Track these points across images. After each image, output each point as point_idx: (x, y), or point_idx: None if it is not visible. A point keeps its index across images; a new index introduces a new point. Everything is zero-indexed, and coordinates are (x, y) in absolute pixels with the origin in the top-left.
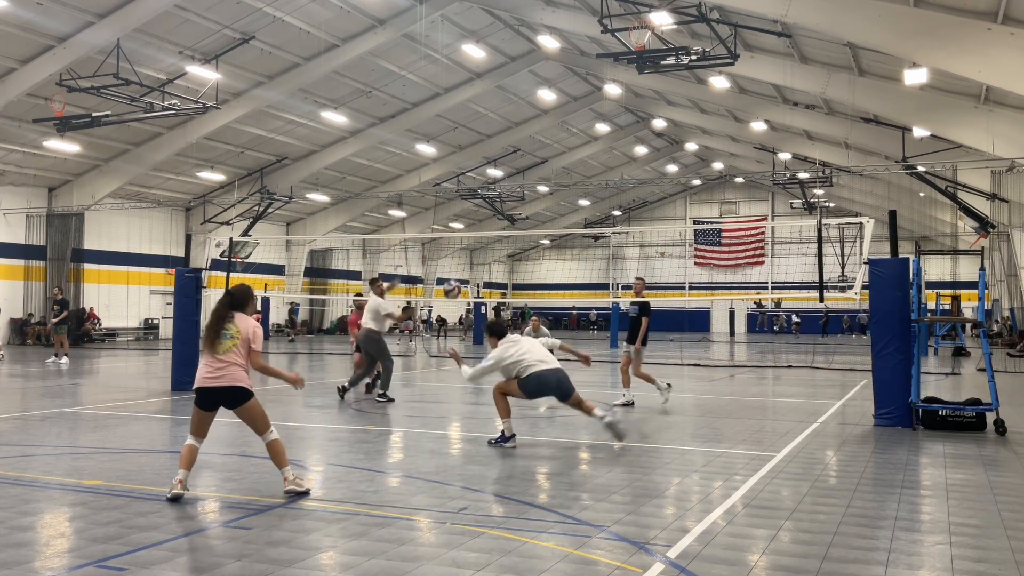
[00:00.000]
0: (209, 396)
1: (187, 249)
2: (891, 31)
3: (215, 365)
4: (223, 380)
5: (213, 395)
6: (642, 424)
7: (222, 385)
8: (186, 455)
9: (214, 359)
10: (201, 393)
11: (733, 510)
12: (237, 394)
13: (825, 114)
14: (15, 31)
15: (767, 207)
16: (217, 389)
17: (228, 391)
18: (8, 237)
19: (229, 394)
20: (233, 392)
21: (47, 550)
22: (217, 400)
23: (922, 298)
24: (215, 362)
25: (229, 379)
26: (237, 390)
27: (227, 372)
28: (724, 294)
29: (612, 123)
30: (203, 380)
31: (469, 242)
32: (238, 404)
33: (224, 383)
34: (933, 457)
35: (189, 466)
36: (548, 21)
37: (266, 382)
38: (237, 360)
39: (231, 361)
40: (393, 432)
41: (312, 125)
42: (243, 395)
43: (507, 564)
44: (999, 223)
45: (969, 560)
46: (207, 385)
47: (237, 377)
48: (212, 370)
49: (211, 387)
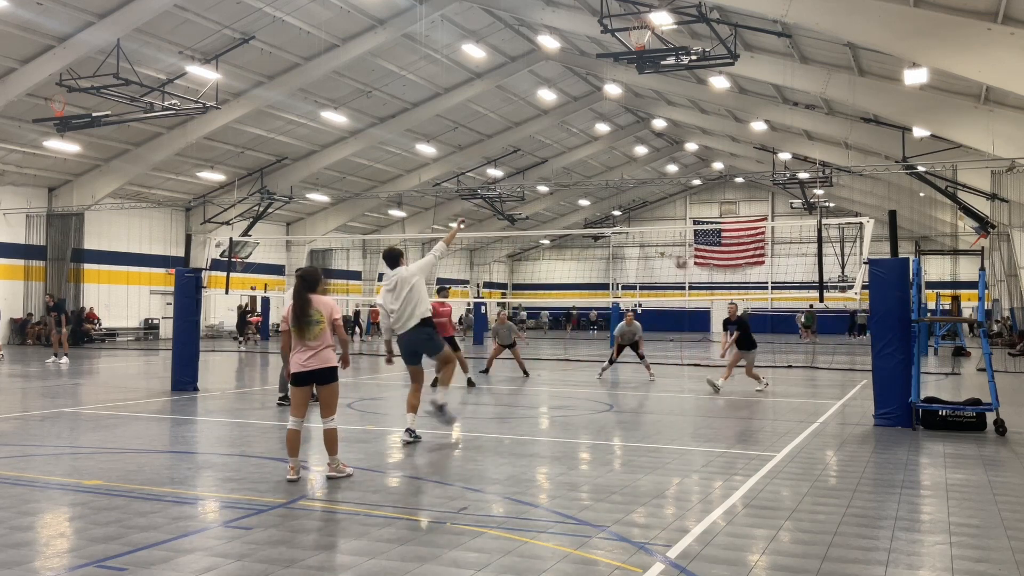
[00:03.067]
0: (305, 377)
1: (187, 249)
2: (891, 31)
3: (308, 353)
4: (316, 363)
5: (308, 376)
6: (643, 424)
7: (316, 368)
8: (291, 441)
9: (306, 346)
10: (297, 377)
11: (733, 510)
12: (327, 374)
13: (825, 114)
14: (15, 31)
15: (767, 207)
16: (311, 372)
17: (320, 372)
18: (8, 237)
19: (320, 374)
20: (324, 372)
21: (47, 550)
22: (310, 378)
23: (922, 298)
24: (307, 349)
25: (320, 361)
26: (327, 371)
27: (319, 355)
28: (724, 294)
29: (612, 123)
30: (299, 367)
31: (469, 242)
32: (325, 382)
33: (317, 366)
34: (933, 457)
35: (296, 451)
36: (548, 21)
37: (267, 381)
38: (326, 342)
39: (321, 344)
40: (393, 432)
41: (312, 125)
42: (331, 375)
43: (507, 564)
44: (999, 223)
45: (969, 560)
46: (303, 370)
47: (327, 359)
48: (306, 357)
49: (307, 371)
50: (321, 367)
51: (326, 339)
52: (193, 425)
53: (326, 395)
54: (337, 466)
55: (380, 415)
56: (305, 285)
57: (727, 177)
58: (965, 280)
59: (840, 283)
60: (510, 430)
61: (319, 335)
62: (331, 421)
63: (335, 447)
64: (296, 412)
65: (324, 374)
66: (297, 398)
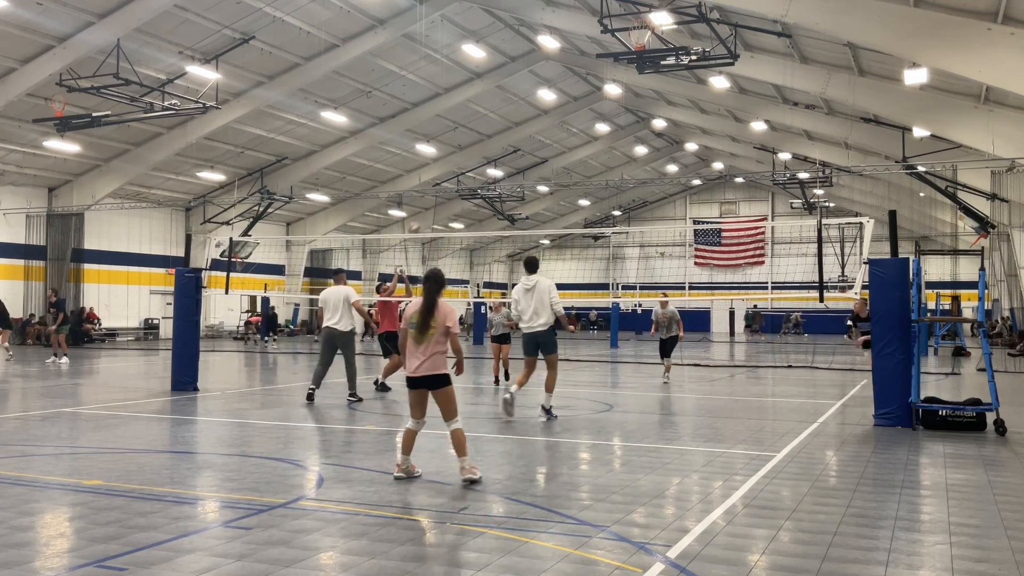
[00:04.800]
0: (417, 382)
1: (187, 249)
2: (891, 31)
3: (420, 357)
4: (426, 369)
5: (420, 382)
6: (643, 424)
7: (427, 374)
8: (406, 440)
9: (418, 351)
10: (410, 381)
11: (733, 510)
12: (438, 380)
13: (825, 114)
14: (15, 31)
15: (767, 207)
16: (423, 378)
17: (431, 379)
18: (8, 237)
19: (432, 381)
20: (435, 379)
21: (47, 550)
22: (422, 384)
23: (922, 298)
24: (420, 354)
25: (431, 367)
26: (439, 377)
27: (430, 361)
28: (724, 294)
29: (612, 123)
30: (411, 372)
31: (469, 242)
32: (437, 388)
33: (427, 372)
34: (933, 457)
35: (409, 450)
36: (548, 21)
37: (266, 381)
38: (439, 348)
39: (434, 351)
40: (393, 432)
41: (312, 125)
42: (443, 381)
43: (507, 564)
44: (999, 223)
45: (969, 560)
46: (415, 375)
47: (438, 365)
48: (416, 364)
49: (419, 377)
50: (431, 374)
51: (438, 346)
52: (193, 425)
53: (442, 400)
54: (469, 468)
55: (380, 415)
56: (436, 287)
57: (727, 177)
58: (965, 280)
59: (840, 283)
60: (510, 430)
61: (431, 340)
62: (455, 423)
63: (464, 448)
64: (414, 413)
65: (435, 381)
66: (412, 400)
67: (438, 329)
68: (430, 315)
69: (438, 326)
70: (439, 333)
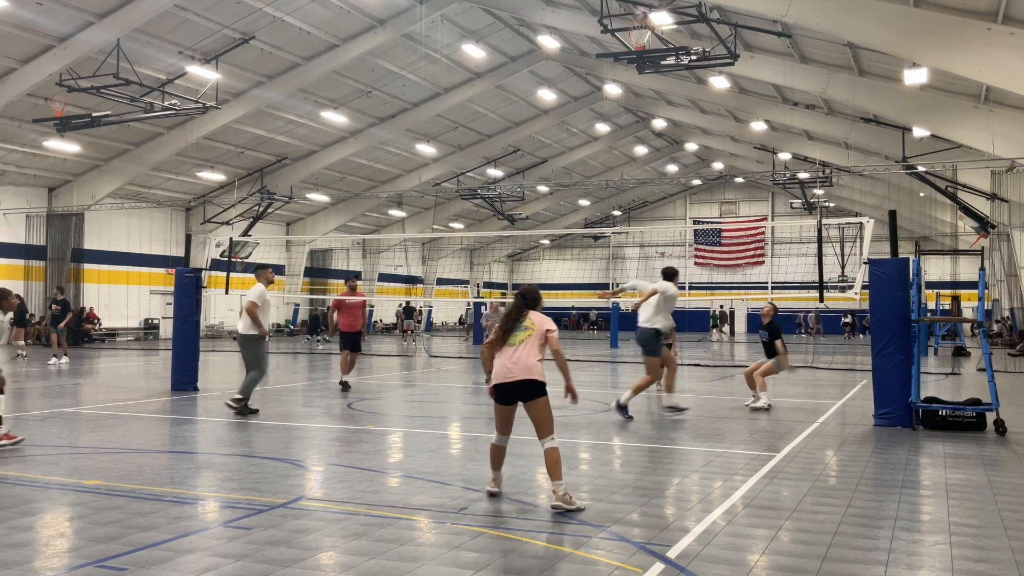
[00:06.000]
0: (506, 392)
1: (187, 249)
2: (891, 31)
3: (510, 361)
4: (517, 374)
5: (510, 390)
6: (643, 424)
7: (517, 379)
8: (494, 456)
9: (509, 351)
10: (499, 390)
11: (733, 510)
12: (531, 387)
13: (825, 114)
14: (15, 31)
15: (767, 207)
16: (513, 384)
17: (523, 385)
18: (8, 237)
19: (524, 388)
20: (527, 385)
21: (47, 550)
22: (513, 394)
23: (922, 298)
24: (508, 358)
25: (522, 371)
26: (532, 383)
27: (521, 364)
28: (724, 294)
29: (612, 123)
30: (499, 376)
31: (469, 242)
32: (531, 398)
33: (518, 376)
34: (933, 457)
35: (499, 465)
36: (548, 21)
37: (267, 381)
38: (531, 352)
39: (525, 353)
40: (393, 432)
41: (312, 125)
42: (537, 389)
43: (507, 564)
44: (999, 223)
45: (969, 560)
46: (503, 381)
47: (531, 368)
48: (507, 366)
49: (507, 383)
50: (525, 378)
51: (530, 350)
52: (193, 425)
53: (535, 414)
54: (563, 495)
55: (380, 415)
56: (526, 303)
57: (727, 177)
58: (965, 280)
59: (840, 283)
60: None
61: (522, 341)
62: (551, 440)
63: (559, 470)
64: (503, 429)
65: (528, 387)
66: (500, 415)
67: (535, 331)
68: (517, 319)
69: (535, 328)
70: (536, 336)
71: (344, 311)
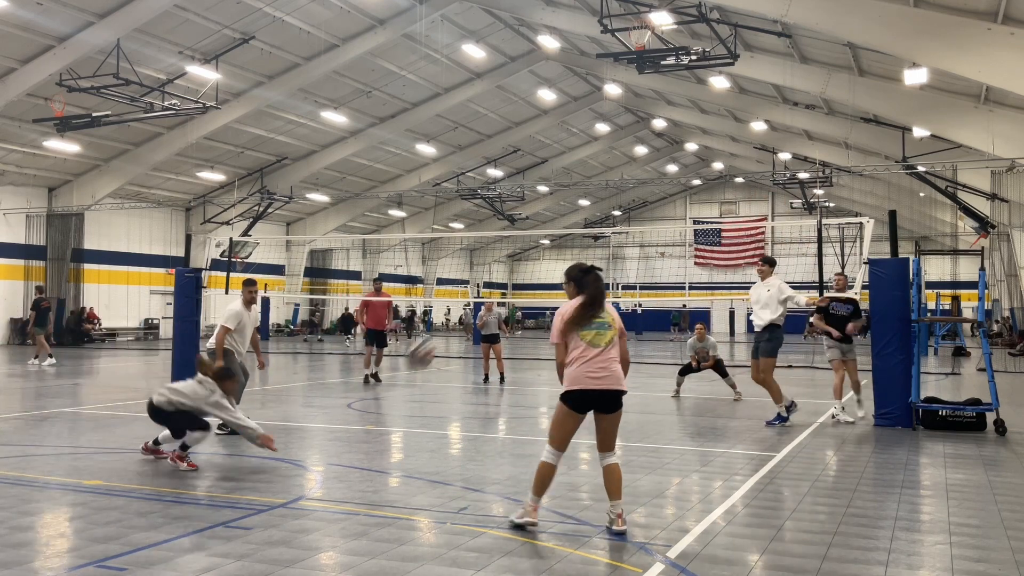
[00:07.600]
0: (589, 399)
1: (187, 249)
2: (891, 31)
3: (599, 363)
4: (610, 382)
5: (592, 399)
6: (643, 424)
7: (610, 388)
8: (543, 476)
9: (596, 354)
10: (580, 397)
11: (733, 510)
12: (618, 398)
13: (825, 114)
14: (15, 31)
15: (767, 207)
16: (601, 392)
17: (611, 395)
18: (8, 237)
19: (611, 398)
20: (614, 397)
21: (47, 550)
22: (594, 403)
23: (922, 298)
24: (598, 359)
25: (615, 380)
26: (618, 395)
27: (613, 370)
28: (724, 294)
29: (612, 123)
30: (587, 380)
31: (469, 242)
32: (613, 409)
33: (610, 386)
34: (933, 457)
35: (544, 490)
36: (548, 21)
37: (267, 381)
38: (617, 356)
39: (614, 357)
40: (393, 432)
41: (312, 125)
42: (620, 401)
43: (507, 564)
44: (999, 223)
45: (969, 560)
46: (594, 388)
47: (620, 377)
48: (596, 369)
49: (598, 390)
50: (614, 388)
51: (618, 353)
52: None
53: (610, 426)
54: (619, 515)
55: (380, 415)
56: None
57: (727, 177)
58: (965, 280)
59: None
60: (510, 430)
61: (610, 344)
62: (614, 455)
63: (619, 489)
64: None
65: (613, 399)
66: (569, 424)
67: (616, 328)
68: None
69: (616, 324)
70: (619, 335)
71: (371, 310)
